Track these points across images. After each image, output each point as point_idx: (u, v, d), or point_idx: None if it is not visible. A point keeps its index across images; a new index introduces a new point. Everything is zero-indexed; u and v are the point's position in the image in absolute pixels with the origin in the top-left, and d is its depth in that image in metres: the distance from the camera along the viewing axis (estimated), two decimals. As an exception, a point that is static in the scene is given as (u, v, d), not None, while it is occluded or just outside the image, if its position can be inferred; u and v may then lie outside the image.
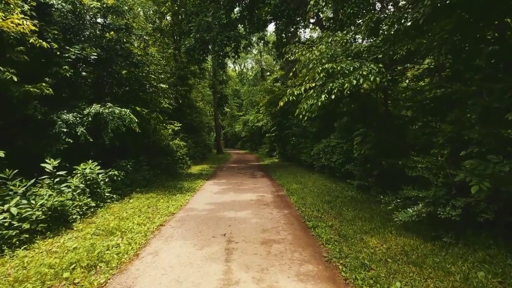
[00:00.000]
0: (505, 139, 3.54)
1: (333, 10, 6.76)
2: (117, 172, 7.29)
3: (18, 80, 5.60)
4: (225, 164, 17.72)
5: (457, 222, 3.59)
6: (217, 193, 8.15)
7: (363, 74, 4.33)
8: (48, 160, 5.37)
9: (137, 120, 7.85)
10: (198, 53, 12.21)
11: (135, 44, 10.03)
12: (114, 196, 6.83)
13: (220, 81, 24.58)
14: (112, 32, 9.34)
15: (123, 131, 7.58)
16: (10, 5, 5.93)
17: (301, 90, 4.64)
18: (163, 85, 10.64)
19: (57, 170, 5.52)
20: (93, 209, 5.79)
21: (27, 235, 4.10)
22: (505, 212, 3.46)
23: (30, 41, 6.28)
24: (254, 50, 41.08)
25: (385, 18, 5.02)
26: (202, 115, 23.92)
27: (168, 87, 11.26)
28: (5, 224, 3.97)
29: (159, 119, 12.40)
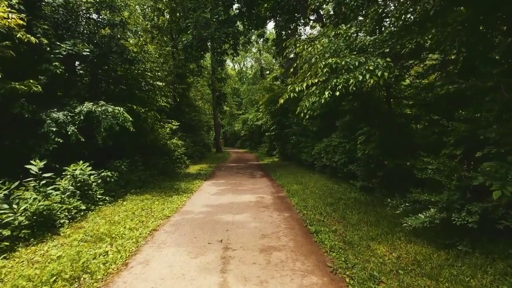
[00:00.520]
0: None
1: (335, 3, 6.43)
2: (110, 173, 6.99)
3: (2, 77, 5.29)
4: (224, 164, 17.43)
5: (472, 229, 3.30)
6: (215, 194, 7.86)
7: (369, 69, 4.03)
8: (34, 161, 5.06)
9: (131, 119, 7.53)
10: (195, 50, 11.88)
11: (130, 41, 9.69)
12: (106, 198, 6.53)
13: (219, 79, 24.23)
14: (106, 28, 9.02)
15: (117, 130, 7.28)
16: (-6, -3, 5.61)
17: (303, 86, 4.35)
18: (159, 83, 10.31)
19: (43, 172, 5.21)
20: (84, 213, 5.49)
21: (8, 243, 3.80)
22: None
23: (17, 36, 5.96)
24: (253, 48, 40.73)
25: (392, 10, 4.71)
26: (201, 114, 23.61)
27: (164, 85, 10.92)
28: (-17, 231, 3.69)
29: (156, 117, 12.10)
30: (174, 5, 15.60)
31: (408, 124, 6.95)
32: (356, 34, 5.00)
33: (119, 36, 8.76)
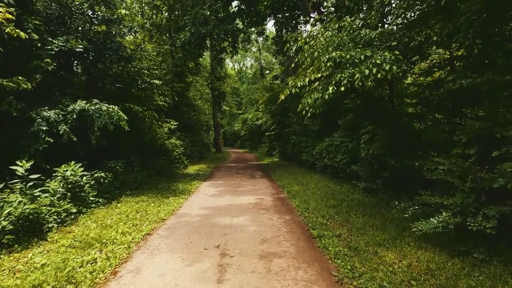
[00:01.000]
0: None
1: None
2: (104, 174, 6.73)
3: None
4: (224, 164, 17.17)
5: (489, 235, 3.04)
6: (213, 196, 7.60)
7: (376, 62, 3.77)
8: (21, 162, 4.79)
9: (126, 118, 7.26)
10: (193, 47, 11.61)
11: (126, 38, 9.43)
12: (100, 200, 6.27)
13: (218, 77, 23.95)
14: (103, 26, 8.76)
15: (111, 129, 7.02)
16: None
17: (305, 81, 4.09)
18: (156, 81, 10.04)
19: (32, 173, 4.95)
20: (74, 216, 5.22)
21: (-11, 250, 3.55)
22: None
23: (6, 31, 5.71)
24: (253, 47, 40.47)
25: (399, 1, 4.44)
26: (200, 114, 23.33)
27: (162, 83, 10.66)
28: (-38, 237, 3.43)
29: (154, 117, 11.85)
30: (172, 2, 15.34)
31: (411, 123, 6.72)
32: (361, 27, 4.72)
33: (113, 33, 8.48)
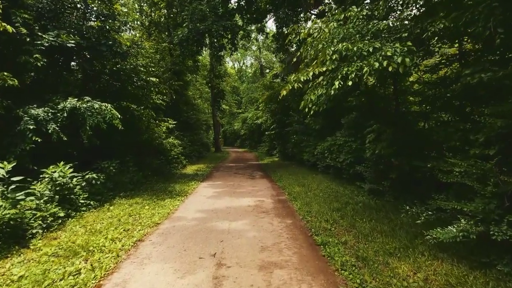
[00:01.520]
0: None
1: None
2: (96, 175, 6.41)
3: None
4: (223, 164, 16.86)
5: (515, 245, 2.72)
6: (211, 198, 7.29)
7: (386, 55, 3.45)
8: (1, 163, 4.47)
9: (119, 116, 6.94)
10: (191, 44, 11.27)
11: (121, 34, 9.09)
12: (91, 203, 5.96)
13: (217, 75, 23.61)
14: (98, 21, 8.44)
15: (104, 128, 6.70)
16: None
17: (309, 75, 3.77)
18: (153, 79, 9.71)
19: (17, 175, 4.63)
20: (62, 220, 4.91)
21: (-39, 260, 3.24)
22: None
23: (-9, 24, 5.40)
24: (253, 46, 40.12)
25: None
26: (199, 113, 23.00)
27: (160, 81, 10.33)
28: None
29: (151, 115, 11.54)
30: (170, -1, 15.01)
31: (417, 122, 6.42)
32: (367, 18, 4.39)
33: (107, 28, 8.15)
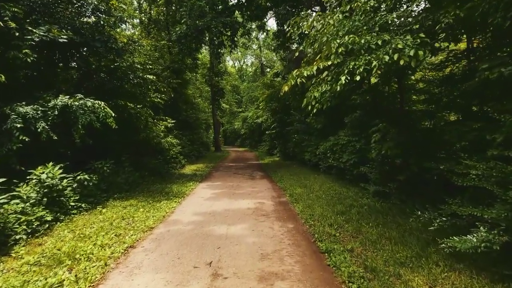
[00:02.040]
0: None
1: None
2: (88, 176, 6.13)
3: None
4: (223, 163, 16.59)
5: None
6: (209, 199, 7.01)
7: (397, 47, 3.16)
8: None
9: (113, 114, 6.66)
10: (190, 41, 10.97)
11: (117, 30, 8.81)
12: (82, 206, 5.68)
13: (216, 73, 23.29)
14: (92, 16, 8.16)
15: (97, 127, 6.43)
16: None
17: (313, 70, 3.48)
18: (150, 76, 9.43)
19: (2, 176, 4.36)
20: (49, 225, 4.63)
21: None
22: None
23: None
24: (254, 45, 39.83)
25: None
26: (199, 112, 22.69)
27: (156, 78, 10.04)
28: None
29: (149, 114, 11.26)
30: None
31: (424, 120, 6.15)
32: (374, 9, 4.10)
33: (102, 23, 7.86)
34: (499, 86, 3.49)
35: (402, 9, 4.35)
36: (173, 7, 16.76)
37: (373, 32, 3.58)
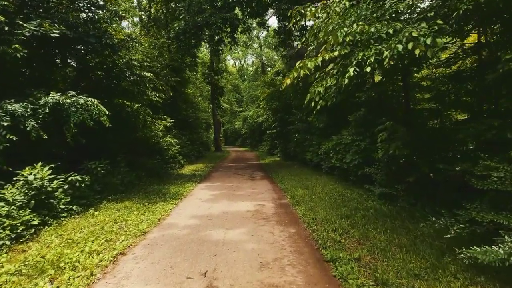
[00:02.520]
0: None
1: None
2: (80, 177, 5.86)
3: None
4: (222, 163, 16.31)
5: None
6: (207, 201, 6.73)
7: (412, 35, 2.86)
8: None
9: (107, 113, 6.39)
10: (188, 37, 10.68)
11: (113, 25, 8.53)
12: (73, 208, 5.41)
13: (216, 71, 23.00)
14: (86, 11, 7.89)
15: (90, 125, 6.16)
16: None
17: (318, 61, 3.19)
18: (147, 74, 9.15)
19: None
20: (36, 229, 4.36)
21: None
22: None
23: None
24: (254, 44, 39.54)
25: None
26: (199, 111, 22.41)
27: (153, 76, 9.77)
28: None
29: (147, 113, 11.00)
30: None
31: (431, 119, 5.86)
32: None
33: (96, 18, 7.59)
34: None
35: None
36: (172, 4, 16.48)
37: (385, 19, 3.28)
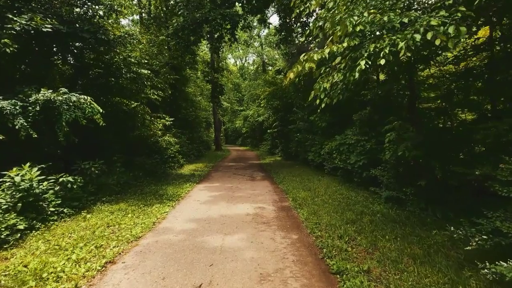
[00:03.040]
0: None
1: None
2: (72, 178, 5.59)
3: None
4: (222, 163, 16.03)
5: None
6: (206, 203, 6.45)
7: (430, 24, 2.56)
8: None
9: (101, 111, 6.11)
10: (187, 34, 10.38)
11: (109, 20, 8.25)
12: (64, 211, 5.14)
13: (216, 69, 22.69)
14: (80, 5, 7.62)
15: (83, 124, 5.90)
16: None
17: (325, 53, 2.90)
18: (144, 71, 8.86)
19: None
20: (22, 234, 4.09)
21: None
22: None
23: None
24: (255, 43, 39.19)
25: None
26: (200, 110, 22.12)
27: (151, 73, 9.48)
28: None
29: (145, 111, 10.74)
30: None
31: (441, 119, 5.56)
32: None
33: (90, 12, 7.31)
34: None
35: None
36: (172, 1, 16.19)
37: (399, 7, 2.98)
